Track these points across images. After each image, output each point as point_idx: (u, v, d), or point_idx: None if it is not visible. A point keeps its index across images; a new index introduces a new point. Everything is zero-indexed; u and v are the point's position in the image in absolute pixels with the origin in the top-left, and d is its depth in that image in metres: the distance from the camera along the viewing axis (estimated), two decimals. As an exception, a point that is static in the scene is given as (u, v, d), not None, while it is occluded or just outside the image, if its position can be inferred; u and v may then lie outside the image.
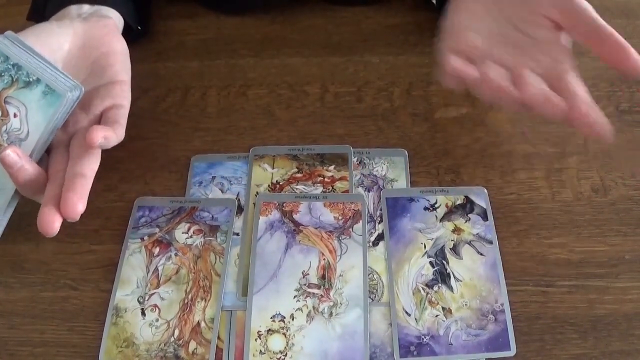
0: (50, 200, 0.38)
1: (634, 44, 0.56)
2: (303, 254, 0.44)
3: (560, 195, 0.47)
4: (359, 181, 0.48)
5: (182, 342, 0.41)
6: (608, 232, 0.45)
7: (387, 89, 0.54)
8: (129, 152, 0.51)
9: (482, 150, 0.50)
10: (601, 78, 0.54)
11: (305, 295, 0.42)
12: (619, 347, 0.40)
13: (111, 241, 0.46)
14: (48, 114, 0.40)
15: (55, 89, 0.40)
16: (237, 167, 0.49)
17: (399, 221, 0.45)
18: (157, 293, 0.43)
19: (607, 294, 0.42)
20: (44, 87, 0.40)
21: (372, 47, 0.57)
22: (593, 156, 0.49)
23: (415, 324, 0.41)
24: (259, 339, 0.40)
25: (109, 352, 0.40)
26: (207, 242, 0.45)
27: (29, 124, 0.40)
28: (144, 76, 0.46)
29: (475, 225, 0.45)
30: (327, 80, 0.55)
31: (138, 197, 0.48)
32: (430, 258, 0.44)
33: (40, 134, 0.40)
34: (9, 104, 0.40)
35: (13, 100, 0.40)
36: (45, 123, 0.40)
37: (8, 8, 0.65)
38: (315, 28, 0.59)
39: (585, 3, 0.43)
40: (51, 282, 0.44)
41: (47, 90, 0.40)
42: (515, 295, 0.42)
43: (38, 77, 0.40)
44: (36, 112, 0.40)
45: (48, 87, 0.40)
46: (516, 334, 0.40)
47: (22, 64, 0.40)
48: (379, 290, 0.43)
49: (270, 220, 0.46)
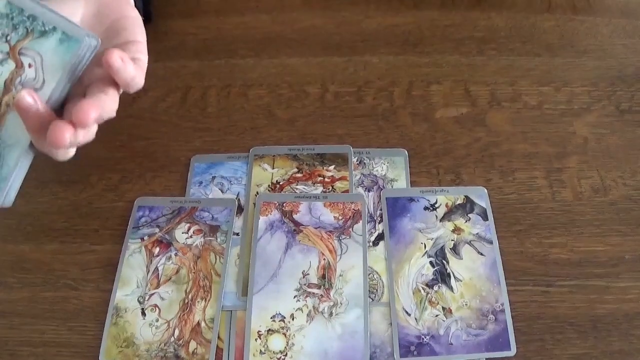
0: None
1: (634, 44, 0.56)
2: (303, 254, 0.44)
3: (560, 195, 0.47)
4: (359, 181, 0.48)
5: (182, 342, 0.41)
6: (608, 232, 0.45)
7: (387, 89, 0.54)
8: (129, 152, 0.51)
9: (482, 150, 0.50)
10: (601, 78, 0.54)
11: (306, 295, 0.42)
12: (619, 347, 0.40)
13: (111, 241, 0.46)
14: (65, 60, 0.39)
15: (72, 35, 0.39)
16: (237, 167, 0.49)
17: (399, 221, 0.45)
18: (157, 293, 0.43)
19: (608, 294, 0.42)
20: (60, 35, 0.39)
21: (372, 47, 0.57)
22: (593, 156, 0.49)
23: (415, 323, 0.41)
24: (259, 339, 0.40)
25: (109, 352, 0.40)
26: (207, 242, 0.45)
27: (44, 73, 0.39)
28: (144, 76, 0.46)
29: (475, 225, 0.45)
30: (327, 80, 0.55)
31: (138, 197, 0.48)
32: (431, 258, 0.44)
33: (57, 82, 0.39)
34: (23, 55, 0.39)
35: (28, 52, 0.39)
36: (61, 70, 0.39)
37: (8, 8, 0.65)
38: (315, 28, 0.59)
39: None
40: (51, 282, 0.44)
41: (64, 37, 0.39)
42: (515, 295, 0.42)
43: (54, 25, 0.39)
44: (52, 59, 0.39)
45: (65, 33, 0.39)
46: (516, 334, 0.40)
47: (37, 15, 0.39)
48: (379, 290, 0.42)
49: (270, 220, 0.46)
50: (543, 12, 0.59)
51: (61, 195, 0.49)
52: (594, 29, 0.58)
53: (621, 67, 0.55)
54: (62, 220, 0.47)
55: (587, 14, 0.59)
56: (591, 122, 0.51)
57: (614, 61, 0.55)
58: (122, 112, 0.55)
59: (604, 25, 0.58)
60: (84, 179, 0.50)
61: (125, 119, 0.45)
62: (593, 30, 0.58)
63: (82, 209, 0.48)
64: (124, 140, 0.51)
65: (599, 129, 0.50)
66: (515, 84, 0.54)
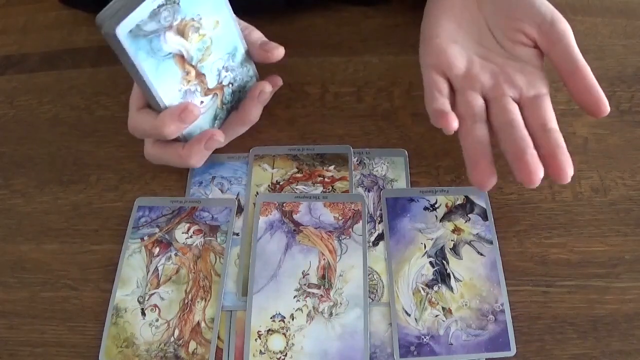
0: None
1: (633, 44, 0.56)
2: (303, 254, 0.44)
3: (560, 195, 0.47)
4: (359, 181, 0.48)
5: (182, 342, 0.41)
6: (608, 232, 0.45)
7: (387, 89, 0.54)
8: (129, 152, 0.51)
9: (482, 150, 0.49)
10: (601, 78, 0.53)
11: (305, 295, 0.42)
12: (619, 347, 0.40)
13: (111, 241, 0.46)
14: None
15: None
16: (237, 167, 0.49)
17: (399, 221, 0.45)
18: (157, 293, 0.43)
19: (607, 294, 0.42)
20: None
21: (372, 47, 0.57)
22: (593, 156, 0.49)
23: (415, 324, 0.41)
24: (259, 339, 0.40)
25: (109, 352, 0.40)
26: (207, 242, 0.45)
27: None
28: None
29: (475, 225, 0.45)
30: (327, 80, 0.55)
31: (138, 197, 0.48)
32: (430, 258, 0.44)
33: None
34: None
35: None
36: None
37: (8, 8, 0.65)
38: (315, 28, 0.59)
39: (566, 27, 0.43)
40: (51, 282, 0.44)
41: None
42: (515, 295, 0.42)
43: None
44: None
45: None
46: (516, 334, 0.40)
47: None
48: (379, 290, 0.43)
49: (270, 220, 0.46)
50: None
51: (61, 195, 0.49)
52: (594, 29, 0.58)
53: (621, 68, 0.55)
54: (62, 220, 0.47)
55: (587, 14, 0.59)
56: (591, 123, 0.51)
57: (614, 61, 0.55)
58: (122, 112, 0.55)
59: (604, 25, 0.58)
60: (84, 179, 0.50)
61: (125, 119, 0.45)
62: (592, 31, 0.58)
63: (82, 209, 0.48)
64: (124, 141, 0.51)
65: (598, 129, 0.50)
66: (515, 84, 0.54)
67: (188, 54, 0.41)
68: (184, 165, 0.46)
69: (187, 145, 0.45)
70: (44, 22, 0.63)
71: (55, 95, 0.56)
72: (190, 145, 0.45)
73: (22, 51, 0.60)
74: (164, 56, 0.40)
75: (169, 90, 0.41)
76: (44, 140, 0.53)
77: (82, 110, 0.54)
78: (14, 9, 0.65)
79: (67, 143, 0.52)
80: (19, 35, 0.62)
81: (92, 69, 0.58)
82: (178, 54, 0.41)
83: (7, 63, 0.59)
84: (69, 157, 0.51)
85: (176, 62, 0.41)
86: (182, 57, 0.41)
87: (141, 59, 0.38)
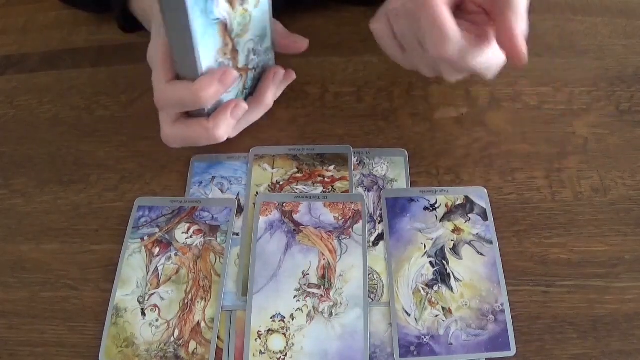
0: None
1: (633, 44, 0.56)
2: (303, 254, 0.44)
3: (560, 195, 0.47)
4: (359, 181, 0.48)
5: (182, 342, 0.41)
6: (608, 232, 0.45)
7: (387, 89, 0.54)
8: (129, 152, 0.51)
9: (482, 150, 0.50)
10: (601, 78, 0.54)
11: (305, 295, 0.42)
12: (619, 347, 0.40)
13: (111, 241, 0.46)
14: None
15: None
16: (237, 167, 0.49)
17: (399, 221, 0.45)
18: (157, 293, 0.43)
19: (607, 294, 0.42)
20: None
21: (372, 47, 0.57)
22: (593, 156, 0.49)
23: (415, 324, 0.41)
24: (259, 339, 0.40)
25: (109, 352, 0.40)
26: (207, 242, 0.45)
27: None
28: (144, 76, 0.46)
29: (475, 225, 0.45)
30: (327, 80, 0.55)
31: (138, 197, 0.48)
32: (430, 258, 0.44)
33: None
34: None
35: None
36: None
37: (8, 8, 0.65)
38: (315, 28, 0.59)
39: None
40: (51, 282, 0.44)
41: None
42: (515, 295, 0.42)
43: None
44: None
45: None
46: (516, 334, 0.40)
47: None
48: (379, 290, 0.43)
49: (270, 220, 0.46)
50: (542, 12, 0.59)
51: (61, 195, 0.49)
52: (594, 29, 0.58)
53: (621, 68, 0.55)
54: (62, 220, 0.47)
55: (587, 14, 0.59)
56: (591, 123, 0.51)
57: (614, 61, 0.55)
58: (122, 112, 0.55)
59: (604, 25, 0.58)
60: (84, 179, 0.50)
61: (125, 119, 0.45)
62: (593, 31, 0.58)
63: (82, 209, 0.48)
64: (124, 140, 0.51)
65: (598, 129, 0.50)
66: (515, 84, 0.54)
67: (231, 25, 0.41)
68: (208, 139, 0.44)
69: (212, 116, 0.44)
70: (44, 22, 0.63)
71: (55, 95, 0.56)
72: (216, 115, 0.44)
73: (22, 51, 0.60)
74: (212, 20, 0.40)
75: (208, 57, 0.41)
76: (44, 140, 0.53)
77: (82, 110, 0.54)
78: (14, 9, 0.65)
79: (67, 143, 0.52)
80: (19, 35, 0.62)
81: (92, 69, 0.58)
82: (223, 21, 0.41)
83: (7, 63, 0.59)
84: (69, 157, 0.51)
85: (219, 30, 0.41)
86: (225, 26, 0.41)
87: (195, 15, 0.38)
